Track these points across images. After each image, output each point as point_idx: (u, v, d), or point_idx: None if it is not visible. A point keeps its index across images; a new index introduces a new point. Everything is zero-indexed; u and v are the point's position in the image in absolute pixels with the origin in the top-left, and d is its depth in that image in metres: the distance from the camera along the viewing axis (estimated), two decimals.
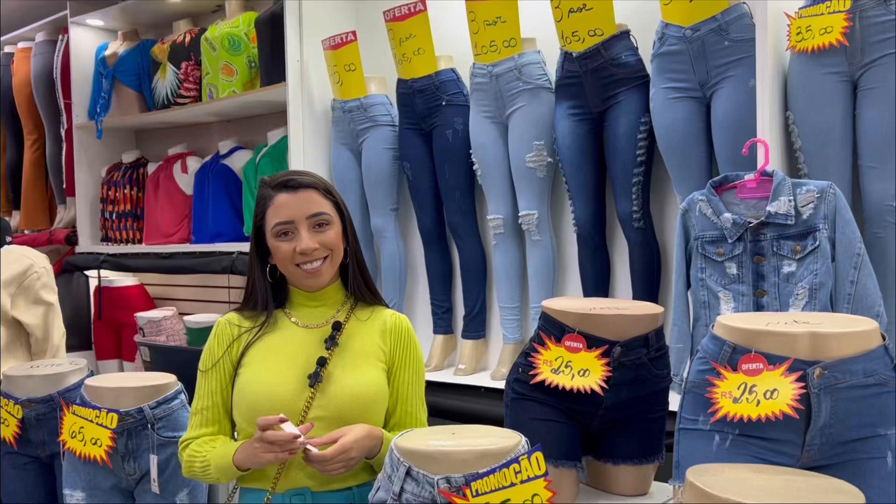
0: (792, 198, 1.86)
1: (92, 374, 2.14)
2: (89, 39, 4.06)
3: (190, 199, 3.76)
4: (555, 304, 1.46)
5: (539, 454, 1.20)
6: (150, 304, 4.03)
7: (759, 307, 1.92)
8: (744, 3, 2.08)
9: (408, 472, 1.19)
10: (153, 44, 3.87)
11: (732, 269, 1.96)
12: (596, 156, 2.41)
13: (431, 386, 2.41)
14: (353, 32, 2.83)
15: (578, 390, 1.38)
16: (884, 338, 1.23)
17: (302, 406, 1.48)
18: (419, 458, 1.19)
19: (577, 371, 1.38)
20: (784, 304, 1.89)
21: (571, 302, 1.51)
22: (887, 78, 1.85)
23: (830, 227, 1.83)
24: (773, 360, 1.16)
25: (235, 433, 1.59)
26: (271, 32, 3.16)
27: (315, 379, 1.48)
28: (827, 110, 1.94)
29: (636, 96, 2.28)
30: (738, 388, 1.16)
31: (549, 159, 2.50)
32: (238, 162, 3.49)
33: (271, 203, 1.55)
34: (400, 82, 2.78)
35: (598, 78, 2.29)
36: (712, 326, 1.27)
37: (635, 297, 2.39)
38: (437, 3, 2.71)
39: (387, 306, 1.66)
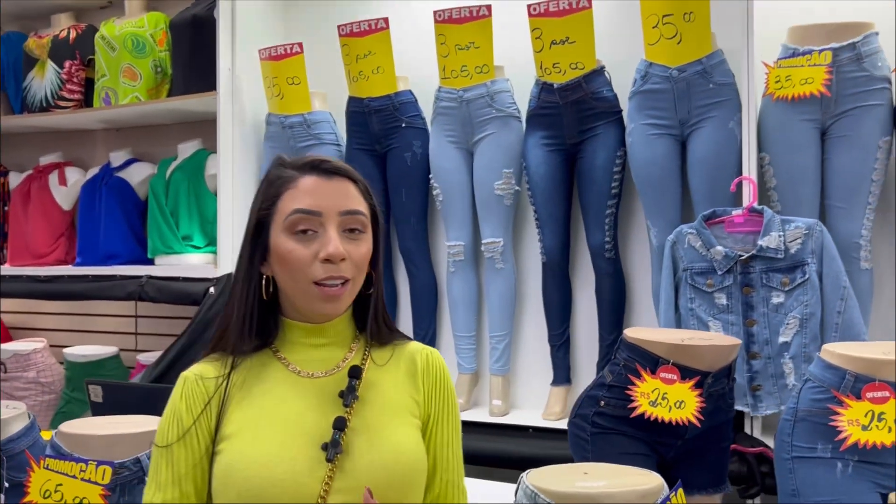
0: (782, 233, 2.00)
1: (34, 421, 1.79)
2: None
3: (68, 215, 3.34)
4: (640, 334, 1.44)
5: (681, 491, 1.17)
6: (6, 334, 3.49)
7: (749, 336, 2.03)
8: (720, 49, 2.21)
9: None
10: (22, 37, 3.41)
11: (722, 299, 2.06)
12: (567, 186, 2.44)
13: None
14: (300, 44, 2.66)
15: (673, 422, 1.37)
16: None
17: (318, 490, 1.04)
18: (578, 501, 1.11)
19: (673, 403, 1.37)
20: (774, 332, 2.01)
21: (654, 333, 1.50)
22: (858, 127, 2.05)
23: (818, 262, 1.98)
24: None
25: None
26: (192, 37, 2.90)
27: (334, 449, 1.06)
28: (802, 154, 2.11)
29: (613, 130, 2.34)
30: (866, 416, 1.21)
31: (517, 187, 2.49)
32: (136, 175, 3.14)
33: (293, 185, 1.10)
34: (352, 100, 2.65)
35: (578, 111, 2.33)
36: (819, 354, 1.32)
37: (602, 327, 2.44)
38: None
39: (409, 338, 1.24)
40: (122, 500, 1.53)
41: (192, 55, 2.90)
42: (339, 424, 1.08)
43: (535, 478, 1.19)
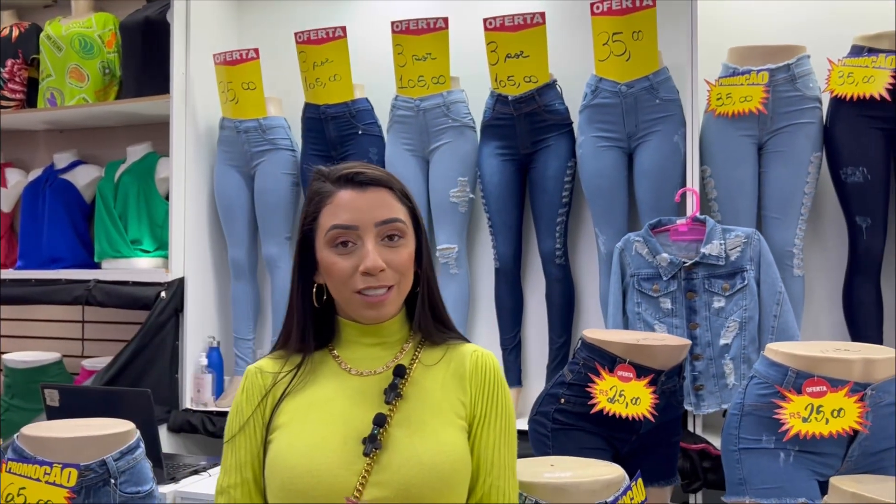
0: (723, 241, 2.12)
1: None
2: None
3: (7, 218, 3.28)
4: (598, 335, 1.52)
5: (641, 480, 1.25)
6: None
7: (692, 338, 2.14)
8: (666, 67, 2.33)
9: None
10: None
11: (667, 303, 2.17)
12: (520, 194, 2.52)
13: None
14: (256, 50, 2.68)
15: (630, 417, 1.46)
16: None
17: (354, 483, 1.08)
18: (547, 491, 1.18)
19: (629, 399, 1.45)
20: (716, 334, 2.13)
21: (612, 334, 1.58)
22: (792, 143, 2.20)
23: (756, 269, 2.11)
24: (834, 384, 1.34)
25: None
26: (144, 40, 2.88)
27: (372, 444, 1.10)
28: (741, 167, 2.25)
29: (564, 141, 2.44)
30: (806, 409, 1.32)
31: (472, 195, 2.56)
32: (82, 178, 3.09)
33: (330, 200, 1.16)
34: (309, 107, 2.68)
35: (531, 122, 2.42)
36: (763, 352, 1.42)
37: (552, 330, 2.52)
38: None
39: (465, 339, 1.26)
40: (87, 502, 1.53)
41: (145, 58, 2.88)
42: (379, 420, 1.12)
43: None
